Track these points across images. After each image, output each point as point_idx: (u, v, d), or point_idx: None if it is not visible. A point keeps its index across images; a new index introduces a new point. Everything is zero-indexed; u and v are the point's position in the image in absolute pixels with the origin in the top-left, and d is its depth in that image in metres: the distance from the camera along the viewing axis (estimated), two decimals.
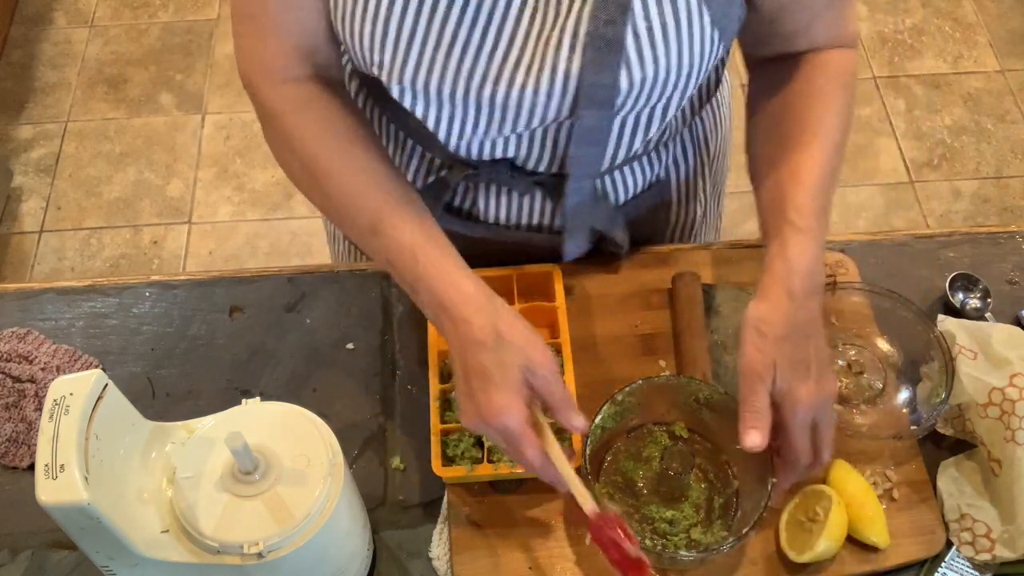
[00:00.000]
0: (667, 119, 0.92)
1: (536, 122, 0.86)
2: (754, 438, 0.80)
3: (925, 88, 2.76)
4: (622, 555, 0.78)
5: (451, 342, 0.82)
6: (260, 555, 0.74)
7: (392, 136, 1.01)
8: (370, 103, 1.01)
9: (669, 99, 0.87)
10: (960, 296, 1.07)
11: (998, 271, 1.10)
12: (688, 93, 0.87)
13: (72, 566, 0.91)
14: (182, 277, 1.10)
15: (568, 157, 0.91)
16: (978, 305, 1.07)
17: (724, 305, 1.05)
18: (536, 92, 0.81)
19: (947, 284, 1.07)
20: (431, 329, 0.98)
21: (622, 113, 0.86)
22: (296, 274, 1.10)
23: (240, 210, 2.50)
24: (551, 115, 0.84)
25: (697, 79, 0.86)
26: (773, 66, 0.95)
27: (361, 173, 0.88)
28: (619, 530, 0.79)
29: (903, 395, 0.99)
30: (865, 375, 1.00)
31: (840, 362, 1.01)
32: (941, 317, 1.02)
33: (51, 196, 2.52)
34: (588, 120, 0.85)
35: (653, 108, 0.88)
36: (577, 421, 0.81)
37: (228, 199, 2.52)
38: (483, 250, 1.00)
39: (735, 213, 2.50)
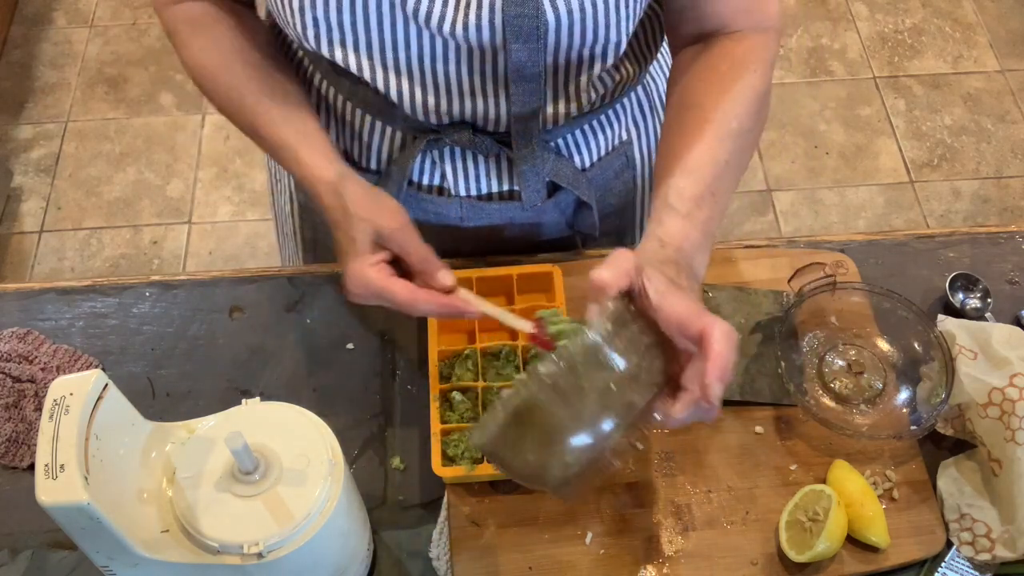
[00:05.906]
0: (607, 62, 0.93)
1: (475, 66, 0.90)
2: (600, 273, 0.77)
3: (925, 88, 2.76)
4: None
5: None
6: (260, 555, 0.74)
7: (352, 115, 1.02)
8: (326, 86, 1.03)
9: (606, 39, 0.89)
10: (960, 296, 1.07)
11: (998, 271, 1.10)
12: (623, 32, 0.89)
13: (72, 566, 0.91)
14: (182, 277, 1.10)
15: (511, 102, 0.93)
16: (978, 305, 1.07)
17: (724, 305, 1.05)
18: (466, 28, 0.85)
19: (947, 284, 1.07)
20: (431, 329, 0.98)
21: (560, 50, 0.89)
22: (296, 274, 1.10)
23: (240, 210, 2.50)
24: (486, 53, 0.89)
25: (629, 18, 0.88)
26: (688, 55, 0.96)
27: (241, 80, 0.95)
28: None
29: (903, 395, 0.99)
30: (865, 375, 1.00)
31: (840, 362, 1.01)
32: (941, 317, 1.02)
33: (51, 196, 2.52)
34: (518, 54, 0.88)
35: (592, 49, 0.90)
36: (443, 278, 0.86)
37: (228, 199, 2.53)
38: (455, 237, 1.04)
39: (735, 213, 2.51)
